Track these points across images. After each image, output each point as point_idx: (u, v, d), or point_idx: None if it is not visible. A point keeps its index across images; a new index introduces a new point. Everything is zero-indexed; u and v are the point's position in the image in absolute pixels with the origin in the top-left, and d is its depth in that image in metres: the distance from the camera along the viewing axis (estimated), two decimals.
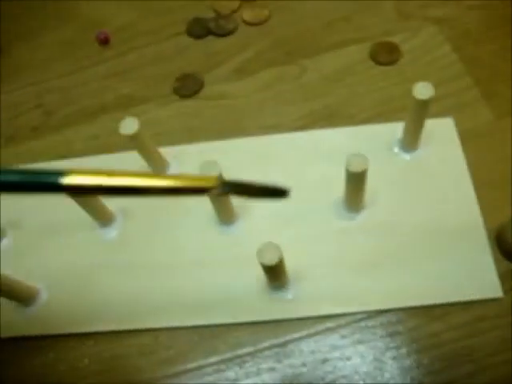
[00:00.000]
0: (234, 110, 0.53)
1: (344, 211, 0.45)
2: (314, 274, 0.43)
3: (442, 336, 0.40)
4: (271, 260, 0.36)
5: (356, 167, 0.38)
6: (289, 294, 0.43)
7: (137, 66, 0.58)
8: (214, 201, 0.42)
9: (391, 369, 0.39)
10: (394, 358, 0.40)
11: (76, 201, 0.43)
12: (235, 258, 0.45)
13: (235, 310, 0.43)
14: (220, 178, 0.27)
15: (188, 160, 0.50)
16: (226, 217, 0.45)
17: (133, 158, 0.49)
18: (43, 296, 0.46)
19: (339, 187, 0.44)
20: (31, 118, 0.57)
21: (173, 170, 0.49)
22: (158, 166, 0.48)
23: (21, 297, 0.44)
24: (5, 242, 0.49)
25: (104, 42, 0.60)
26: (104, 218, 0.47)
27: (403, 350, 0.40)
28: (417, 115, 0.43)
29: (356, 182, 0.40)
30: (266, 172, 0.48)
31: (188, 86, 0.55)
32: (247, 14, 0.59)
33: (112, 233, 0.48)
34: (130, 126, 0.43)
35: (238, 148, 0.50)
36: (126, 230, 0.48)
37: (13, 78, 0.61)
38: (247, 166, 0.48)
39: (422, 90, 0.41)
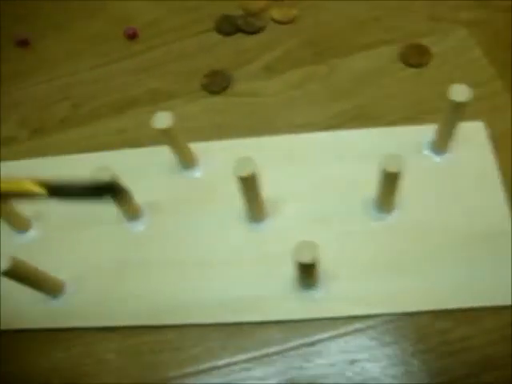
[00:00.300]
0: (263, 108, 0.53)
1: (374, 212, 0.45)
2: (344, 273, 0.43)
3: (472, 340, 0.40)
4: (308, 258, 0.36)
5: (393, 167, 0.38)
6: (319, 294, 0.42)
7: (165, 62, 0.58)
8: (245, 197, 0.42)
9: (419, 372, 0.39)
10: (422, 361, 0.39)
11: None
12: (265, 255, 0.45)
13: (264, 308, 0.43)
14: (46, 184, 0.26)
15: (217, 156, 0.49)
16: (256, 214, 0.45)
17: (161, 153, 0.49)
18: (70, 289, 0.46)
19: (369, 188, 0.44)
20: (59, 110, 0.57)
21: (202, 165, 0.49)
22: (187, 161, 0.48)
23: (48, 288, 0.44)
24: (31, 233, 0.49)
25: (132, 36, 0.60)
26: (132, 212, 0.47)
27: (432, 354, 0.40)
28: (451, 117, 0.43)
29: (391, 182, 0.40)
30: (296, 171, 0.48)
31: (217, 83, 0.55)
32: (276, 12, 0.59)
33: (139, 227, 0.48)
34: (163, 120, 0.43)
35: (267, 146, 0.50)
36: (154, 225, 0.48)
37: (41, 71, 0.61)
38: (277, 164, 0.48)
39: (459, 92, 0.41)
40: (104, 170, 0.41)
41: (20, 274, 0.39)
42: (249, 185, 0.40)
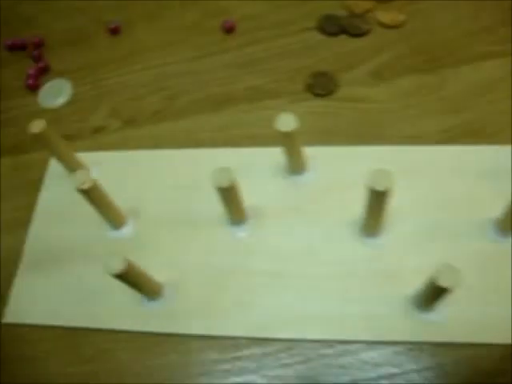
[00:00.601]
0: (371, 116, 0.50)
1: (494, 232, 0.43)
2: (463, 296, 0.40)
3: None
4: (449, 283, 0.34)
5: None
6: (436, 316, 0.40)
7: (264, 59, 0.56)
8: (369, 211, 0.40)
9: None
10: None
11: (221, 196, 0.40)
12: (377, 272, 0.42)
13: (376, 328, 0.40)
14: None
15: (327, 163, 0.47)
16: (372, 228, 0.43)
17: (267, 154, 0.48)
18: (168, 292, 0.44)
19: (486, 207, 0.42)
20: (153, 101, 0.55)
21: (311, 171, 0.47)
22: (298, 166, 0.46)
23: (149, 291, 0.42)
24: (126, 230, 0.47)
25: (229, 30, 0.58)
26: (237, 216, 0.44)
27: None
28: None
29: None
30: (410, 184, 0.45)
31: (322, 85, 0.53)
32: (383, 15, 0.56)
33: (242, 232, 0.45)
34: (287, 122, 0.41)
35: (377, 156, 0.47)
36: (257, 231, 0.45)
37: (133, 60, 0.59)
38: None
39: None
40: (225, 171, 0.38)
41: (129, 276, 0.37)
42: (380, 199, 0.38)
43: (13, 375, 0.43)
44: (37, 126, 0.44)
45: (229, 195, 0.40)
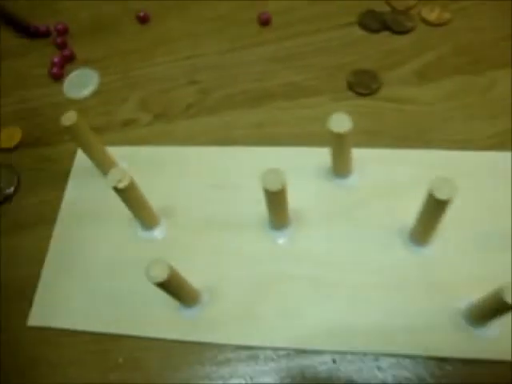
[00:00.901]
0: (416, 118, 0.48)
1: None
2: None
3: None
4: None
5: None
6: (492, 332, 0.38)
7: (303, 54, 0.53)
8: (424, 219, 0.38)
9: None
10: None
11: (268, 199, 0.38)
12: (427, 283, 0.40)
13: (427, 342, 0.38)
14: None
15: (373, 165, 0.45)
16: (422, 236, 0.40)
17: (309, 154, 0.46)
18: (204, 299, 0.41)
19: None
20: (185, 94, 0.53)
21: (356, 174, 0.45)
22: (344, 169, 0.44)
23: (187, 298, 0.40)
24: (159, 231, 0.45)
25: (265, 22, 0.56)
26: (281, 221, 0.42)
27: None
28: None
29: None
30: (459, 191, 0.43)
31: (364, 83, 0.50)
32: (428, 13, 0.54)
33: (284, 238, 0.43)
34: (342, 122, 0.38)
35: (426, 160, 0.45)
36: (301, 237, 0.43)
37: (163, 49, 0.56)
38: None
39: None
40: (276, 173, 0.36)
41: (172, 284, 0.35)
42: (440, 208, 0.35)
43: (35, 381, 0.41)
44: (69, 118, 0.42)
45: (277, 199, 0.37)
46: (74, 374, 0.40)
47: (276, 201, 0.38)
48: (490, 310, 0.35)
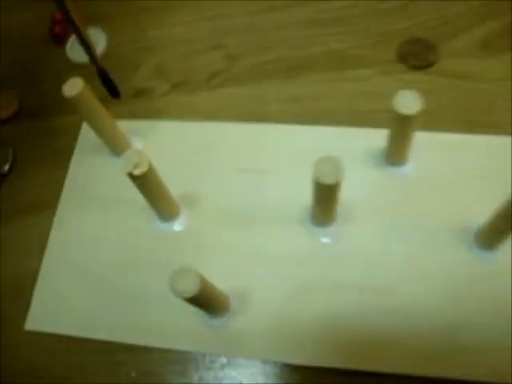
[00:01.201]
0: (479, 96, 0.41)
1: None
2: None
3: None
4: None
5: None
6: None
7: (348, 17, 0.46)
8: (496, 220, 0.31)
9: None
10: None
11: (318, 192, 0.31)
12: (493, 294, 0.34)
13: (497, 366, 0.32)
14: None
15: (432, 152, 0.39)
16: (491, 240, 0.34)
17: (352, 137, 0.40)
18: (233, 307, 0.35)
19: None
20: (209, 61, 0.46)
21: (412, 162, 0.38)
22: (401, 156, 0.37)
23: (215, 309, 0.33)
24: (179, 222, 0.38)
25: None
26: (327, 217, 0.35)
27: None
28: None
29: None
30: None
31: (418, 55, 0.43)
32: None
33: (328, 236, 0.37)
34: (408, 102, 0.31)
35: (490, 147, 0.38)
36: (347, 235, 0.37)
37: (183, 8, 0.49)
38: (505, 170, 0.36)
39: None
40: (332, 163, 0.29)
41: (201, 297, 0.28)
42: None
43: None
44: (73, 86, 0.35)
45: (329, 194, 0.31)
46: None
47: (328, 195, 0.31)
48: None
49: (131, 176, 0.31)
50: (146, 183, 0.33)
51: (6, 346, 0.36)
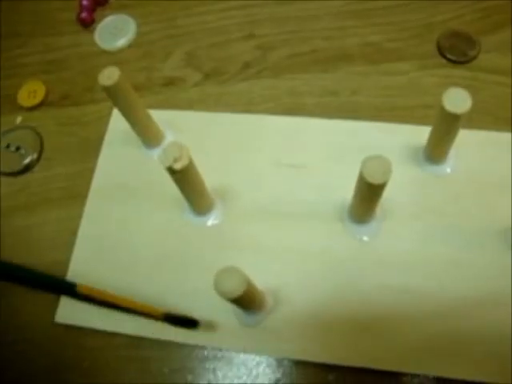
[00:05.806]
0: None
1: None
2: None
3: None
4: None
5: None
6: None
7: (385, 9, 0.45)
8: None
9: None
10: None
11: (364, 192, 0.30)
12: None
13: None
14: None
15: (473, 151, 0.38)
16: None
17: (391, 133, 0.39)
18: (270, 304, 0.34)
19: None
20: (241, 50, 0.45)
21: (454, 161, 0.37)
22: (442, 154, 0.36)
23: (254, 307, 0.33)
24: (214, 217, 0.38)
25: None
26: (368, 215, 0.35)
27: None
28: None
29: None
30: None
31: (459, 49, 0.42)
32: None
33: (366, 234, 0.36)
34: (457, 100, 0.30)
35: None
36: (387, 235, 0.36)
37: None
38: None
39: None
40: (378, 160, 0.28)
41: (245, 298, 0.28)
42: None
43: None
44: (109, 75, 0.34)
45: (374, 192, 0.30)
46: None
47: (373, 194, 0.30)
48: None
49: (171, 170, 0.30)
50: (185, 177, 0.32)
51: (35, 339, 0.36)
